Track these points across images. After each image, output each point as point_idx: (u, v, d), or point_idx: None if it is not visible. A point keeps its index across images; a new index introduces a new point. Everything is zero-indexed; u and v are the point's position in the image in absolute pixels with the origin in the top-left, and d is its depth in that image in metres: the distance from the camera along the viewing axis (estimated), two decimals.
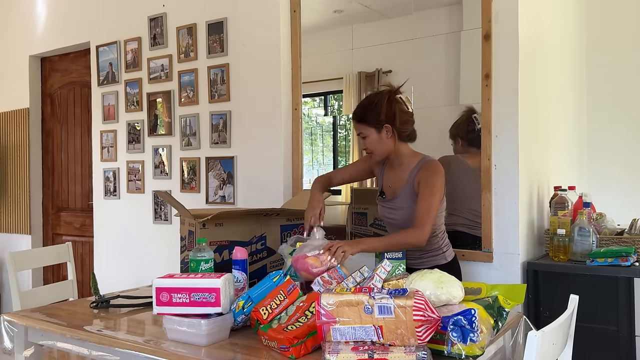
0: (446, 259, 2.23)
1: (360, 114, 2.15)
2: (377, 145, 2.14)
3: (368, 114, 2.12)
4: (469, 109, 2.64)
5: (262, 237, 2.26)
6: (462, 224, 2.63)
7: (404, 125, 2.13)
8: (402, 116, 2.12)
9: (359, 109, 2.17)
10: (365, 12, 3.01)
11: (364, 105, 2.17)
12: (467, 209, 2.64)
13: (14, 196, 4.79)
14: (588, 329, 2.31)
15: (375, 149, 2.16)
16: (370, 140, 2.14)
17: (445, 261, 2.22)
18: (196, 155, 3.57)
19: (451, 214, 2.57)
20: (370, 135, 2.13)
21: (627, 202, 3.43)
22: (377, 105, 2.10)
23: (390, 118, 2.10)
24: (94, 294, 2.15)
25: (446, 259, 2.23)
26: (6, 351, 1.97)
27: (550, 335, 1.37)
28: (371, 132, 2.13)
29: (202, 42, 3.52)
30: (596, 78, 3.62)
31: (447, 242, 2.27)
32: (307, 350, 1.49)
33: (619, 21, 3.57)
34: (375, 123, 2.11)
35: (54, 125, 4.69)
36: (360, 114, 2.15)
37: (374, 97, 2.16)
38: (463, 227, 2.63)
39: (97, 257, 4.15)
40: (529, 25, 2.59)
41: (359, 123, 2.15)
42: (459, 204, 2.63)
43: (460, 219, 2.64)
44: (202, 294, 1.62)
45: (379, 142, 2.13)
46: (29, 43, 4.62)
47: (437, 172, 2.09)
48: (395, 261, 1.96)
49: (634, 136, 3.54)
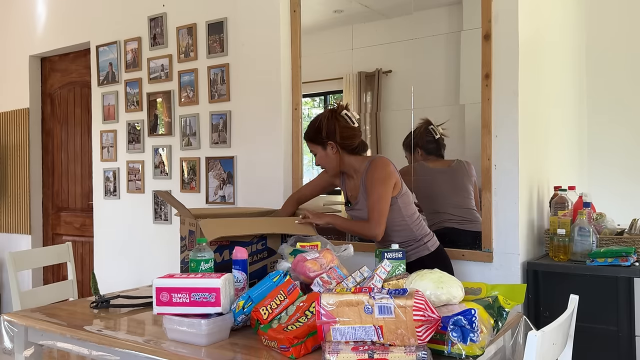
0: (429, 249, 2.32)
1: (307, 134, 2.36)
2: (324, 160, 2.35)
3: (313, 133, 2.33)
4: (425, 121, 2.77)
5: (262, 237, 2.26)
6: (448, 220, 2.71)
7: (346, 140, 2.30)
8: (343, 132, 2.29)
9: (307, 129, 2.38)
10: (365, 12, 3.01)
11: (309, 126, 2.37)
12: (448, 205, 2.73)
13: (14, 196, 4.79)
14: (588, 329, 2.31)
15: (324, 164, 2.37)
16: (318, 156, 2.35)
17: (428, 251, 2.32)
18: (196, 155, 3.57)
19: (435, 213, 2.70)
20: (318, 152, 2.34)
21: (627, 202, 3.43)
22: (319, 124, 2.30)
23: (331, 135, 2.28)
24: (94, 294, 2.15)
25: (429, 249, 2.32)
26: (6, 351, 1.97)
27: (550, 335, 1.37)
28: (318, 149, 2.34)
29: (202, 42, 3.52)
30: (596, 78, 3.63)
31: (427, 232, 2.36)
32: (307, 350, 1.49)
33: (619, 22, 3.57)
34: (319, 141, 2.31)
35: (54, 125, 4.68)
36: (307, 133, 2.36)
37: (317, 117, 2.36)
38: (450, 223, 2.70)
39: (97, 257, 4.15)
40: (529, 25, 2.59)
41: (308, 141, 2.37)
42: (437, 203, 2.75)
43: (446, 215, 2.72)
44: (202, 294, 1.62)
45: (325, 157, 2.33)
46: (29, 43, 4.62)
47: (378, 167, 2.26)
48: (395, 261, 1.96)
49: (633, 137, 3.54)
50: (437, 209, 2.73)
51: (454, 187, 2.73)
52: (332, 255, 1.90)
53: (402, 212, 2.28)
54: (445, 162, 2.75)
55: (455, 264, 2.53)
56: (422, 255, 2.30)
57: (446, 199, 2.74)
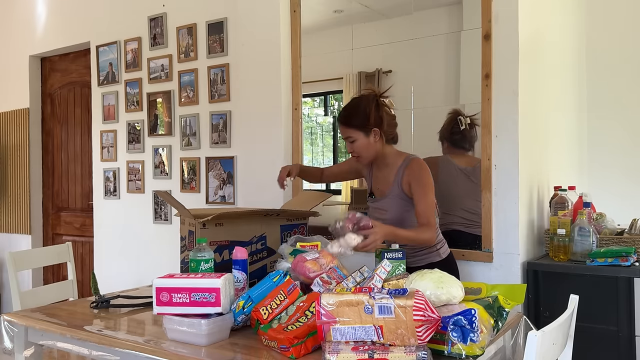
0: (440, 256, 2.26)
1: (348, 118, 2.16)
2: (365, 148, 2.16)
3: (356, 117, 2.14)
4: (454, 111, 2.67)
5: (262, 237, 2.26)
6: (458, 223, 2.66)
7: (390, 128, 2.18)
8: (388, 119, 2.16)
9: (345, 113, 2.18)
10: (365, 12, 3.01)
11: (350, 109, 2.18)
12: (460, 208, 2.67)
13: (14, 196, 4.79)
14: (588, 329, 2.31)
15: (363, 152, 2.18)
16: (358, 144, 2.16)
17: (439, 258, 2.25)
18: (196, 155, 3.57)
19: (446, 214, 2.61)
20: (359, 139, 2.15)
21: (627, 202, 3.43)
22: (365, 109, 2.13)
23: (378, 122, 2.13)
24: (94, 294, 2.15)
25: (440, 256, 2.26)
26: (6, 351, 1.97)
27: (550, 335, 1.37)
28: (359, 135, 2.14)
29: (202, 42, 3.52)
30: (596, 78, 3.62)
31: (441, 239, 2.30)
32: (307, 350, 1.49)
33: (620, 22, 3.57)
34: (363, 127, 2.13)
35: (54, 125, 4.69)
36: (348, 117, 2.16)
37: (360, 101, 2.17)
38: (459, 226, 2.65)
39: (97, 257, 4.15)
40: (529, 25, 2.59)
41: (347, 127, 2.16)
42: (452, 203, 2.67)
43: (456, 217, 2.67)
44: (202, 294, 1.62)
45: (367, 145, 2.16)
46: (29, 43, 4.63)
47: (423, 169, 2.15)
48: (395, 261, 1.96)
49: (633, 137, 3.54)
50: (448, 211, 2.63)
51: (471, 189, 2.61)
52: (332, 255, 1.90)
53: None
54: (472, 159, 2.64)
55: None
56: (433, 262, 2.22)
57: (460, 201, 2.66)
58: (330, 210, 3.04)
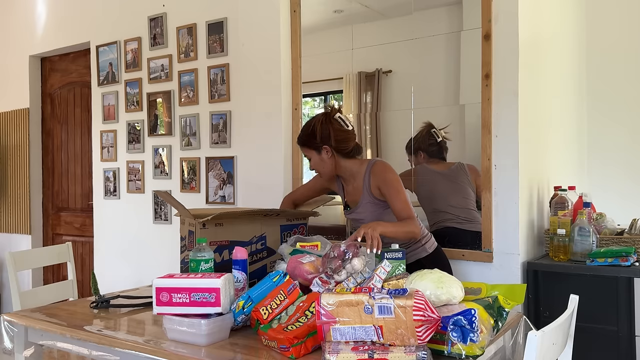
0: (427, 250, 2.32)
1: (300, 138, 2.33)
2: (319, 165, 2.31)
3: (307, 137, 2.29)
4: (427, 124, 2.76)
5: (262, 237, 2.26)
6: (449, 220, 2.71)
7: (341, 143, 2.26)
8: (338, 135, 2.25)
9: (300, 134, 2.34)
10: (365, 12, 3.01)
11: (303, 130, 2.33)
12: (448, 205, 2.74)
13: (14, 196, 4.79)
14: (588, 329, 2.31)
15: (318, 169, 2.33)
16: (313, 161, 2.32)
17: (426, 253, 2.31)
18: (196, 155, 3.57)
19: (435, 212, 2.72)
20: (313, 157, 2.30)
21: (627, 202, 3.43)
22: (314, 129, 2.26)
23: (326, 139, 2.24)
24: (94, 294, 2.15)
25: (427, 250, 2.32)
26: (6, 351, 1.97)
27: (550, 335, 1.37)
28: (312, 154, 2.30)
29: (202, 42, 3.52)
30: (596, 78, 3.63)
31: (426, 234, 2.35)
32: (307, 350, 1.49)
33: (619, 21, 3.57)
34: (313, 145, 2.27)
35: (54, 125, 4.68)
36: (300, 137, 2.33)
37: (311, 121, 2.32)
38: (451, 223, 2.70)
39: (97, 257, 4.15)
40: (529, 25, 2.59)
41: (301, 146, 2.34)
42: (439, 202, 2.75)
43: (446, 214, 2.72)
44: (202, 294, 1.62)
45: (320, 162, 2.30)
46: (29, 43, 4.62)
47: (386, 169, 2.23)
48: (395, 261, 1.96)
49: (634, 136, 3.54)
50: (437, 208, 2.74)
51: (454, 188, 2.73)
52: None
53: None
54: (447, 164, 2.76)
55: (455, 264, 2.54)
56: (421, 257, 2.29)
57: (445, 199, 2.74)
58: (330, 210, 3.04)
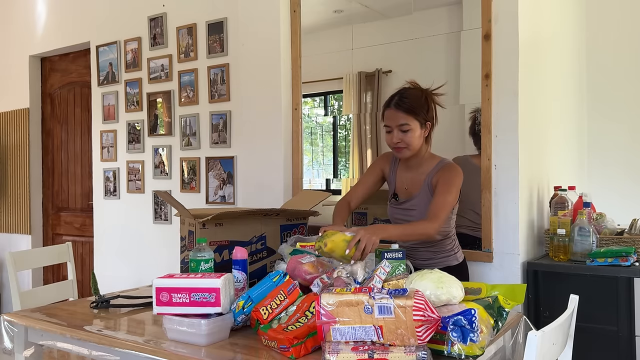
0: (457, 260, 2.25)
1: (411, 106, 2.07)
2: (416, 140, 2.09)
3: (418, 106, 2.07)
4: (477, 109, 2.62)
5: (262, 237, 2.26)
6: (466, 226, 2.62)
7: (436, 125, 2.16)
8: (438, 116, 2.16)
9: (407, 100, 2.08)
10: (365, 12, 3.01)
11: (412, 97, 2.09)
12: (470, 210, 2.63)
13: (14, 196, 4.79)
14: (588, 329, 2.31)
15: (412, 143, 2.09)
16: (412, 133, 2.07)
17: (456, 262, 2.24)
18: (196, 155, 3.57)
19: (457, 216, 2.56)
20: (414, 129, 2.07)
21: (627, 202, 3.43)
22: (427, 101, 2.10)
23: (432, 117, 2.13)
24: (94, 294, 2.15)
25: (457, 260, 2.25)
26: (6, 351, 1.97)
27: (550, 335, 1.37)
28: (415, 125, 2.07)
29: (202, 42, 3.52)
30: (597, 78, 3.63)
31: (458, 244, 2.29)
32: (307, 350, 1.49)
33: (619, 21, 3.57)
34: (422, 118, 2.08)
35: (54, 125, 4.69)
36: (411, 105, 2.07)
37: (421, 92, 2.12)
38: (466, 229, 2.61)
39: (97, 257, 4.15)
40: (529, 25, 2.59)
41: (407, 114, 2.06)
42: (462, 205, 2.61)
43: (465, 220, 2.62)
44: (202, 294, 1.62)
45: (419, 137, 2.10)
46: (29, 43, 4.63)
47: (455, 173, 2.10)
48: (395, 261, 1.96)
49: (634, 136, 3.54)
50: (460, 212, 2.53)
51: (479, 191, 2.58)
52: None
53: (450, 222, 2.18)
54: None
55: None
56: (449, 265, 2.18)
57: (470, 203, 2.60)
58: (330, 210, 3.03)
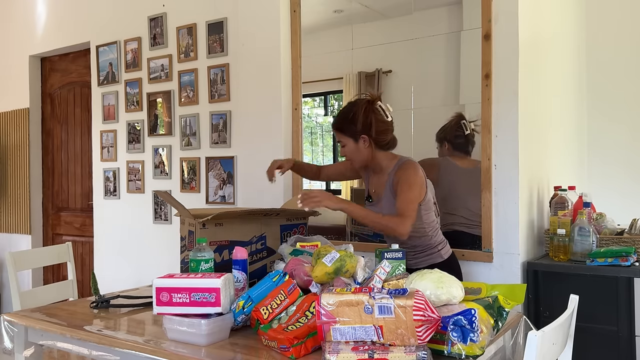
0: (442, 257, 2.26)
1: (338, 124, 2.21)
2: (354, 154, 2.21)
3: (345, 124, 2.18)
4: (458, 115, 2.68)
5: (262, 237, 2.26)
6: (459, 223, 2.65)
7: (380, 135, 2.17)
8: (379, 126, 2.15)
9: (337, 118, 2.23)
10: (365, 12, 3.01)
11: (342, 115, 2.21)
12: (463, 207, 2.66)
13: (14, 196, 4.79)
14: (588, 329, 2.31)
15: (353, 158, 2.23)
16: (348, 149, 2.21)
17: (441, 259, 2.25)
18: (196, 155, 3.57)
19: (448, 214, 2.60)
20: (348, 145, 2.20)
21: (627, 201, 3.43)
22: (354, 116, 2.15)
23: (367, 128, 2.15)
24: (94, 294, 2.15)
25: (442, 257, 2.26)
26: (6, 351, 1.97)
27: (550, 335, 1.37)
28: (349, 141, 2.19)
29: (202, 42, 3.52)
30: (597, 77, 3.63)
31: (442, 240, 2.30)
32: (307, 350, 1.49)
33: (619, 21, 3.57)
34: (352, 133, 2.17)
35: (54, 125, 4.69)
36: (338, 123, 2.21)
37: (352, 106, 2.20)
38: (461, 227, 2.64)
39: (97, 257, 4.15)
40: (529, 25, 2.59)
41: (337, 132, 2.22)
42: (454, 203, 2.66)
43: (458, 217, 2.66)
44: (202, 294, 1.62)
45: (356, 151, 2.20)
46: (29, 43, 4.62)
47: (412, 170, 2.15)
48: (395, 261, 1.96)
49: (634, 136, 3.54)
50: (450, 211, 2.63)
51: (472, 189, 2.61)
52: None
53: (422, 219, 2.19)
54: (472, 161, 2.65)
55: None
56: (435, 263, 2.21)
57: (462, 201, 2.65)
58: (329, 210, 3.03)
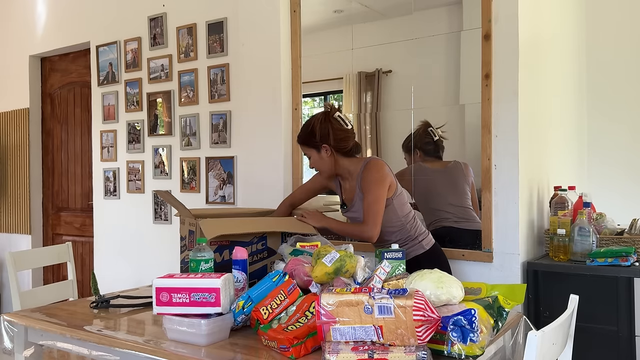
0: (424, 247, 2.35)
1: (301, 138, 2.37)
2: (319, 163, 2.34)
3: (306, 136, 2.33)
4: (424, 123, 2.77)
5: (262, 237, 2.26)
6: (445, 219, 2.72)
7: (341, 142, 2.30)
8: (337, 134, 2.29)
9: (300, 133, 2.39)
10: (365, 12, 3.01)
11: (303, 129, 2.38)
12: (447, 203, 2.75)
13: (14, 196, 4.79)
14: (588, 329, 2.32)
15: (318, 167, 2.36)
16: (312, 160, 2.35)
17: (423, 250, 2.34)
18: (196, 155, 3.57)
19: (433, 210, 2.73)
20: (312, 156, 2.34)
21: (627, 202, 3.43)
22: (313, 128, 2.30)
23: (325, 138, 2.28)
24: (94, 294, 2.15)
25: (424, 247, 2.35)
26: (6, 351, 1.97)
27: (550, 335, 1.37)
28: (312, 152, 2.34)
29: (202, 42, 3.52)
30: (597, 77, 3.63)
31: (423, 231, 2.38)
32: (307, 350, 1.49)
33: (619, 21, 3.57)
34: (313, 144, 2.31)
35: (54, 125, 4.69)
36: (301, 138, 2.37)
37: (310, 120, 2.36)
38: (448, 222, 2.71)
39: (97, 257, 4.15)
40: (529, 25, 2.59)
41: (301, 145, 2.38)
42: (434, 201, 2.77)
43: (442, 213, 2.74)
44: (202, 294, 1.62)
45: (320, 160, 2.33)
46: (29, 43, 4.62)
47: (371, 169, 2.26)
48: (395, 261, 1.96)
49: (634, 136, 3.54)
50: (434, 207, 2.75)
51: (451, 186, 2.74)
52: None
53: (397, 212, 2.29)
54: (443, 162, 2.77)
55: (455, 264, 2.54)
56: (418, 254, 2.32)
57: (443, 198, 2.75)
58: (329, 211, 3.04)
